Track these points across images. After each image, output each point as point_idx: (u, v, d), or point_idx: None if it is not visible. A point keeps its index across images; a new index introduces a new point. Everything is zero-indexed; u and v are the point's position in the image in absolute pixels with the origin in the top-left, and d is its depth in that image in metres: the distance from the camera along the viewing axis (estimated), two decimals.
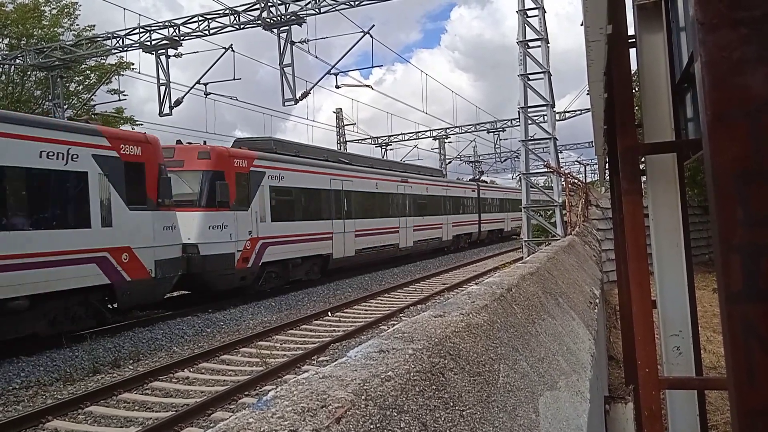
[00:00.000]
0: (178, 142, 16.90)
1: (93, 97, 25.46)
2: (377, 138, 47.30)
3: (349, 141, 47.62)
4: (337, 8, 19.31)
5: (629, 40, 3.51)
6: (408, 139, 47.35)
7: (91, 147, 11.60)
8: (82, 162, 11.37)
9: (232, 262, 15.74)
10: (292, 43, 19.57)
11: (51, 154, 10.77)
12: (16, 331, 10.52)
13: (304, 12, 19.35)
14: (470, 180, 43.00)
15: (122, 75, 25.50)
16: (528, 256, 14.90)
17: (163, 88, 21.46)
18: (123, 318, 13.59)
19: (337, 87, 23.52)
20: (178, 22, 20.73)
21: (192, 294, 16.61)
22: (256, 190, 16.93)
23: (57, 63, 22.51)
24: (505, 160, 54.90)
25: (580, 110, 37.65)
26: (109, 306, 12.58)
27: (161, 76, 21.41)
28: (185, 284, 15.85)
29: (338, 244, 21.00)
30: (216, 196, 15.37)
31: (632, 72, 3.52)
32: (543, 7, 20.31)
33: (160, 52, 21.12)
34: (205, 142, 17.31)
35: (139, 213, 12.56)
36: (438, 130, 47.52)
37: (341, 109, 47.70)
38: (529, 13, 20.32)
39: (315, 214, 19.83)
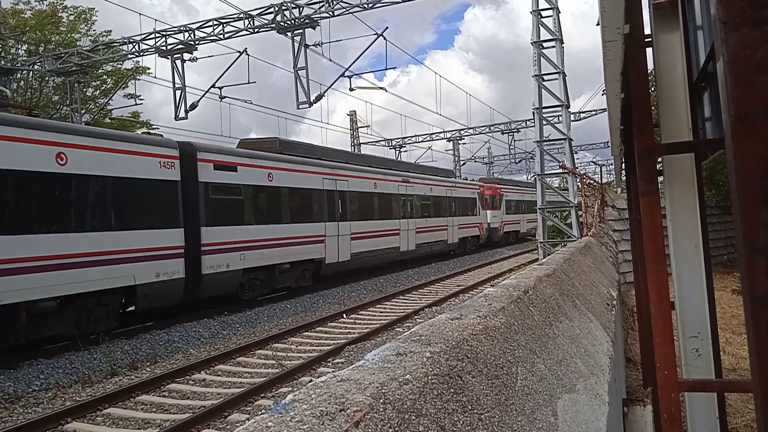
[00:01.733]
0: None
1: (110, 101, 25.75)
2: (391, 140, 47.31)
3: (363, 143, 47.67)
4: (350, 11, 19.35)
5: (646, 40, 3.48)
6: (422, 141, 47.31)
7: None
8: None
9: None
10: (306, 46, 19.63)
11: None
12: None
13: (318, 15, 19.41)
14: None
15: (138, 79, 25.74)
16: (544, 257, 14.80)
17: (178, 92, 21.64)
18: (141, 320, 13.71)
19: (351, 89, 23.54)
20: (193, 26, 20.89)
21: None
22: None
23: (74, 68, 22.77)
24: (519, 161, 54.77)
25: (596, 110, 37.40)
26: None
27: (177, 80, 21.59)
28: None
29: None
30: None
31: (649, 72, 3.49)
32: (557, 8, 20.20)
33: (175, 56, 21.29)
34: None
35: None
36: (452, 131, 47.46)
37: (355, 111, 47.74)
38: (544, 13, 20.21)
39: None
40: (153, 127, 29.35)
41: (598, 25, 3.05)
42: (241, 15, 20.15)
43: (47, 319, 10.83)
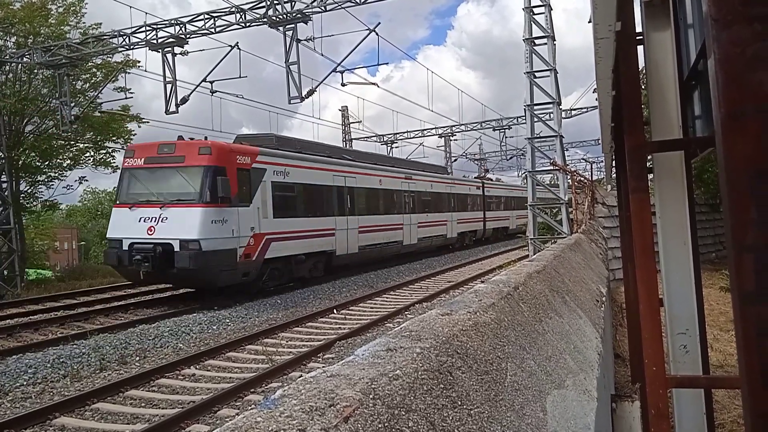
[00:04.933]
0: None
1: (99, 95, 25.52)
2: (383, 136, 47.21)
3: (354, 139, 47.55)
4: (342, 6, 19.27)
5: (637, 38, 3.49)
6: (414, 137, 47.24)
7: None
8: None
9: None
10: (298, 40, 19.53)
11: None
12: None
13: (310, 10, 19.32)
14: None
15: (128, 73, 25.56)
16: (534, 254, 14.85)
17: (169, 86, 21.46)
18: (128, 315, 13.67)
19: (343, 85, 23.42)
20: (185, 20, 20.73)
21: (199, 291, 16.90)
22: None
23: (64, 61, 22.55)
24: (511, 158, 54.84)
25: (587, 108, 37.41)
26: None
27: (167, 73, 21.43)
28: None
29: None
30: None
31: (640, 69, 3.50)
32: (549, 5, 20.23)
33: (166, 50, 21.13)
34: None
35: None
36: (444, 127, 47.40)
37: (347, 106, 47.55)
38: (536, 10, 20.24)
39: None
40: (143, 121, 29.21)
41: (590, 22, 3.06)
42: (233, 9, 20.01)
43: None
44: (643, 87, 3.73)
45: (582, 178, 22.86)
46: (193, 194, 15.33)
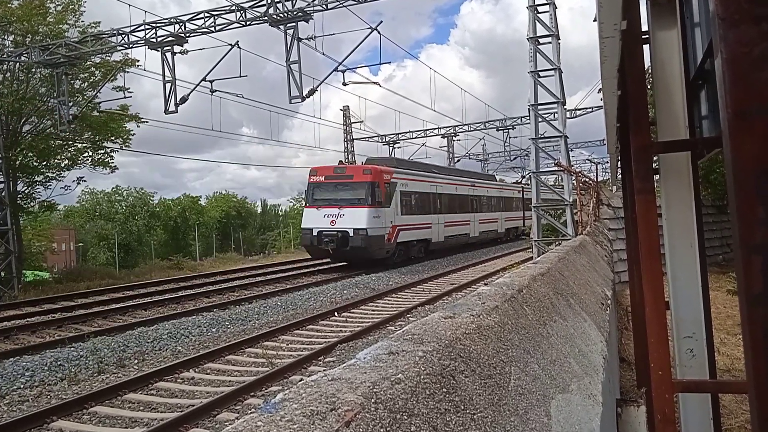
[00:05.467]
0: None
1: (98, 94, 25.53)
2: (385, 136, 47.21)
3: (356, 139, 47.61)
4: (344, 4, 19.29)
5: (643, 37, 3.49)
6: (416, 137, 47.26)
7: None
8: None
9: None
10: (299, 39, 19.56)
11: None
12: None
13: (311, 8, 19.34)
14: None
15: (127, 72, 25.55)
16: (538, 256, 14.83)
17: (168, 86, 21.51)
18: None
19: (345, 84, 23.47)
20: (184, 18, 20.76)
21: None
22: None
23: (62, 60, 22.60)
24: (514, 159, 54.84)
25: (592, 108, 37.39)
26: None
27: (167, 73, 21.47)
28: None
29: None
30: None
31: (646, 69, 3.49)
32: (554, 3, 20.23)
33: (165, 48, 21.17)
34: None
35: None
36: (447, 127, 47.42)
37: (348, 106, 47.59)
38: (540, 8, 20.24)
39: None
40: (142, 120, 29.23)
41: (595, 20, 3.06)
42: (233, 7, 20.05)
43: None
44: (649, 87, 3.73)
45: (587, 179, 22.83)
46: (362, 199, 24.23)
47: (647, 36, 3.67)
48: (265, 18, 19.61)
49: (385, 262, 25.21)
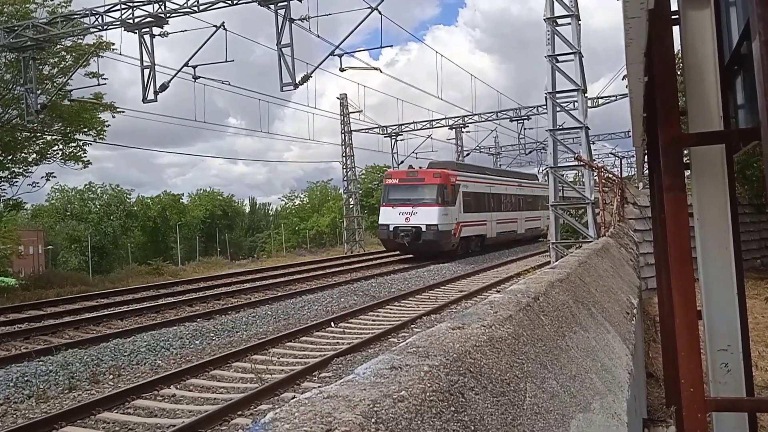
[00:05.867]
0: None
1: (69, 81, 25.52)
2: (386, 127, 47.13)
3: (354, 131, 47.51)
4: None
5: (673, 17, 3.48)
6: (422, 128, 47.17)
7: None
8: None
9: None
10: (291, 20, 19.56)
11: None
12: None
13: None
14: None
15: (101, 56, 25.57)
16: (556, 260, 14.84)
17: (146, 71, 21.53)
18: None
19: (342, 70, 23.50)
20: None
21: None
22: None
23: (29, 43, 22.61)
24: (530, 152, 54.86)
25: (616, 96, 37.39)
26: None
27: (145, 57, 21.48)
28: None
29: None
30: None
31: (676, 53, 3.49)
32: None
33: (143, 30, 21.17)
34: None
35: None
36: (455, 118, 47.33)
37: (346, 94, 47.38)
38: None
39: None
40: (118, 110, 29.24)
41: None
42: None
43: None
44: (678, 73, 3.72)
45: (610, 175, 22.83)
46: (433, 199, 30.52)
47: (677, 16, 3.66)
48: None
49: (451, 254, 31.51)
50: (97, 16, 21.69)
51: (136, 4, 21.01)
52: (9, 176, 27.90)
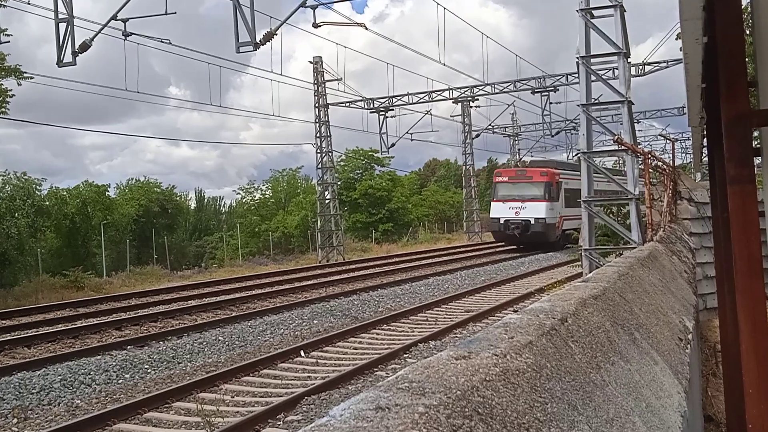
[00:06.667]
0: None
1: None
2: (373, 100, 46.98)
3: (332, 104, 47.33)
4: None
5: None
6: (418, 102, 47.05)
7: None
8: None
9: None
10: None
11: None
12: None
13: None
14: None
15: (4, 6, 25.47)
16: (590, 271, 14.92)
17: (63, 26, 21.42)
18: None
19: (316, 26, 23.49)
20: None
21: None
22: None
23: None
24: (557, 133, 55.27)
25: (667, 61, 37.59)
26: None
27: (60, 7, 21.38)
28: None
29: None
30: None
31: (744, 6, 3.51)
32: None
33: None
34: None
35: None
36: (462, 89, 47.36)
37: (321, 58, 47.19)
38: None
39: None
40: (25, 75, 29.03)
41: None
42: None
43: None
44: (747, 33, 3.73)
45: (659, 163, 22.95)
46: (541, 195, 45.27)
47: None
48: None
49: (554, 245, 44.44)
50: None
51: None
52: None
